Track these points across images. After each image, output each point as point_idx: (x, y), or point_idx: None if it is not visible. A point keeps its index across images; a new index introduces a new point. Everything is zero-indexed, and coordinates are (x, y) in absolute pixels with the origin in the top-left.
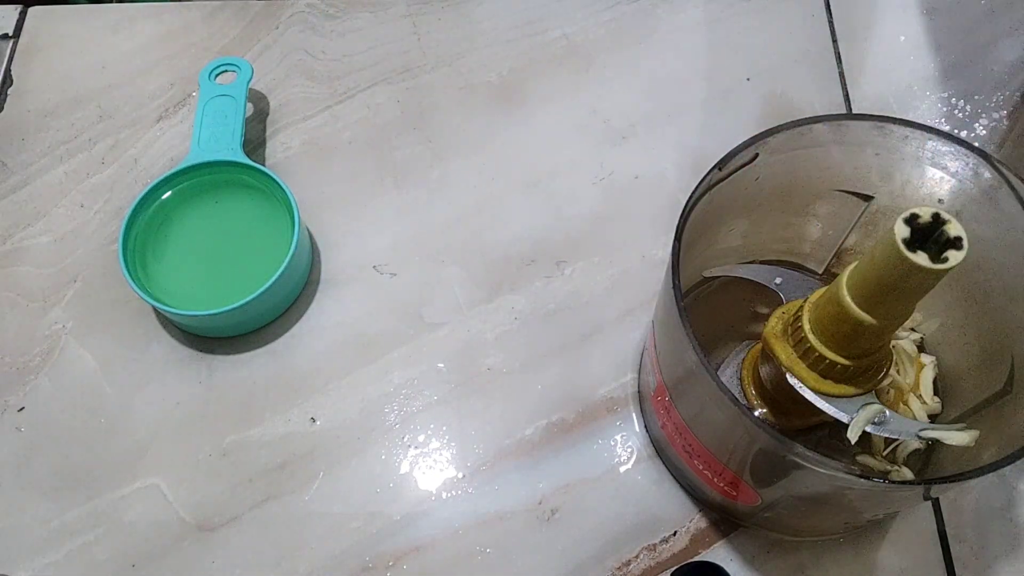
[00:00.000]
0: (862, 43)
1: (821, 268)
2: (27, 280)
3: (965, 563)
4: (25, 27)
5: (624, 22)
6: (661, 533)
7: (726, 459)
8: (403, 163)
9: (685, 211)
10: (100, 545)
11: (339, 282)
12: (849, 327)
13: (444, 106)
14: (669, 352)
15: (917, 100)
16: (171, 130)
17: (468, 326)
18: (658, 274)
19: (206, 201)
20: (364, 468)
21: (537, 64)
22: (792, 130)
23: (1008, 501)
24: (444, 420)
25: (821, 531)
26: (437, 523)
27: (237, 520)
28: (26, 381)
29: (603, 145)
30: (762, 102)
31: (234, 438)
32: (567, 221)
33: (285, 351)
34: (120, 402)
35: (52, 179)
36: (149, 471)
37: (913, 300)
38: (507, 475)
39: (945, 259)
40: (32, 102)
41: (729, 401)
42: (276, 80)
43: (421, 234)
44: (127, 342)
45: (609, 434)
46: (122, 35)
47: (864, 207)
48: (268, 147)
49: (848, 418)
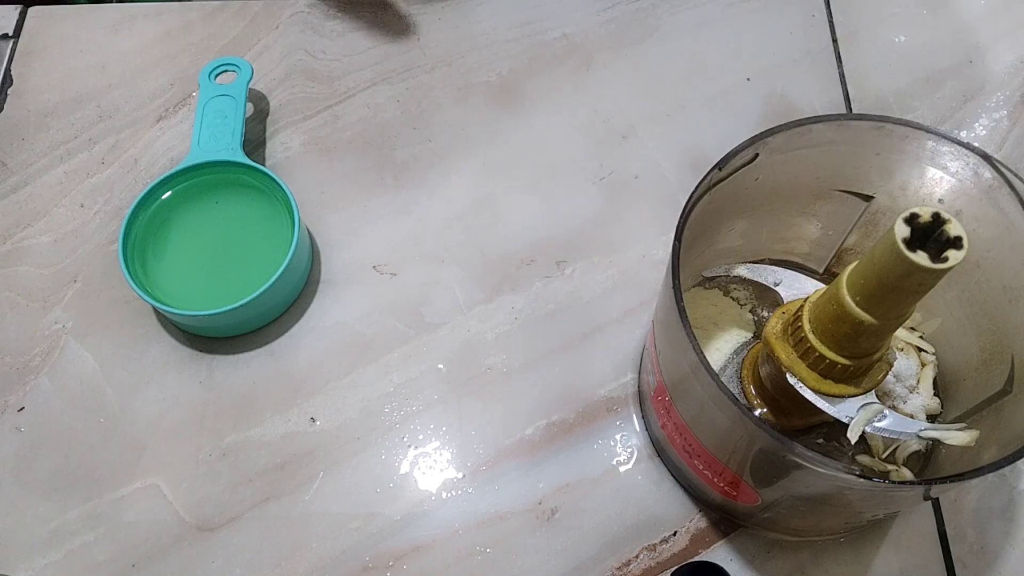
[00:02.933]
0: (862, 43)
1: (821, 268)
2: (27, 280)
3: (965, 563)
4: (25, 27)
5: (624, 22)
6: (661, 533)
7: (726, 459)
8: (403, 163)
9: (685, 211)
10: (100, 545)
11: (339, 282)
12: (849, 327)
13: (444, 106)
14: (669, 352)
15: (917, 100)
16: (171, 130)
17: (468, 326)
18: (658, 274)
19: (206, 201)
20: (364, 468)
21: (537, 64)
22: (792, 130)
23: (1008, 501)
24: (444, 420)
25: (821, 531)
26: (437, 523)
27: (237, 520)
28: (26, 381)
29: (603, 145)
30: (762, 102)
31: (234, 438)
32: (567, 221)
33: (285, 351)
34: (120, 402)
35: (52, 179)
36: (149, 471)
37: (913, 300)
38: (507, 475)
39: (945, 259)
40: (32, 102)
41: (729, 401)
42: (276, 80)
43: (421, 234)
44: (127, 342)
45: (609, 434)
46: (122, 35)
47: (864, 207)
48: (268, 147)
49: (848, 418)
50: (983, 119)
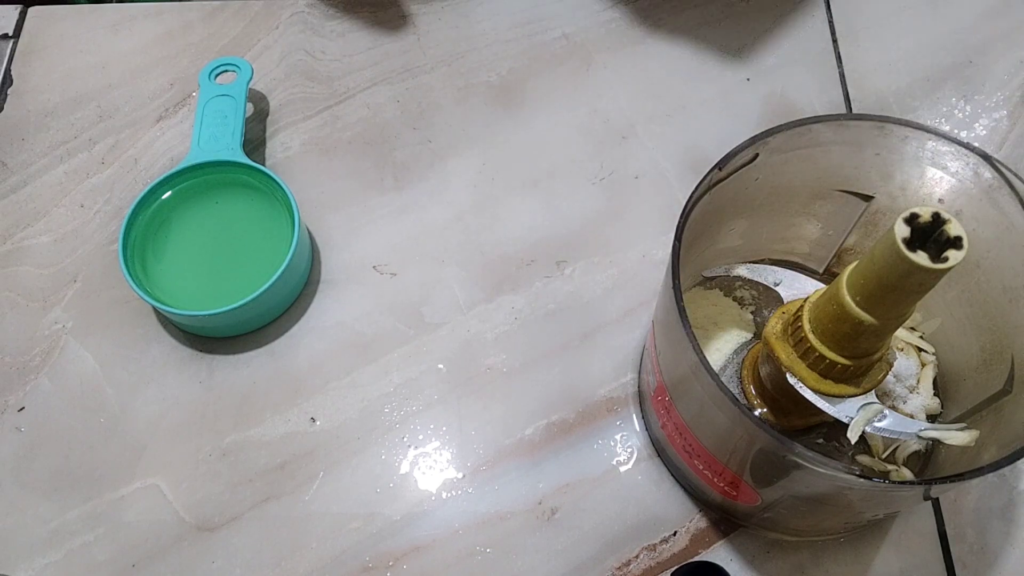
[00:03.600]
0: (862, 43)
1: (821, 268)
2: (27, 280)
3: (965, 563)
4: (25, 27)
5: (624, 22)
6: (661, 533)
7: (726, 459)
8: (403, 163)
9: (685, 211)
10: (100, 545)
11: (339, 282)
12: (849, 327)
13: (444, 106)
14: (669, 352)
15: (917, 100)
16: (171, 130)
17: (468, 326)
18: (658, 274)
19: (206, 201)
20: (364, 468)
21: (537, 64)
22: (792, 130)
23: (1008, 501)
24: (444, 420)
25: (821, 531)
26: (437, 523)
27: (237, 520)
28: (26, 381)
29: (603, 145)
30: (762, 102)
31: (234, 438)
32: (567, 221)
33: (285, 351)
34: (120, 402)
35: (52, 179)
36: (149, 471)
37: (913, 300)
38: (507, 475)
39: (945, 259)
40: (32, 102)
41: (729, 401)
42: (276, 80)
43: (421, 234)
44: (127, 342)
45: (609, 434)
46: (122, 35)
47: (864, 207)
48: (268, 147)
49: (848, 418)
50: (983, 119)
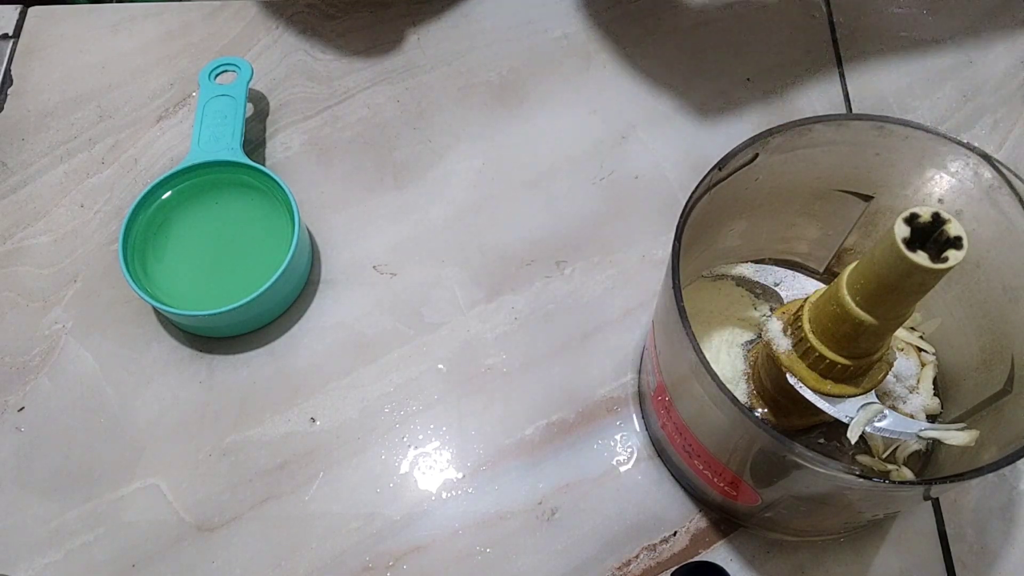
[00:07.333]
0: (862, 43)
1: (821, 268)
2: (27, 280)
3: (965, 563)
4: (25, 27)
5: (624, 22)
6: (661, 533)
7: (726, 459)
8: (403, 163)
9: (685, 211)
10: (100, 545)
11: (339, 282)
12: (849, 327)
13: (444, 106)
14: (669, 352)
15: (917, 100)
16: (171, 130)
17: (468, 326)
18: (658, 274)
19: (206, 201)
20: (364, 468)
21: (537, 64)
22: (792, 130)
23: (1008, 501)
24: (444, 420)
25: (821, 531)
26: (437, 523)
27: (237, 520)
28: (26, 381)
29: (603, 145)
30: (762, 102)
31: (234, 438)
32: (567, 221)
33: (285, 351)
34: (120, 402)
35: (52, 179)
36: (149, 471)
37: (913, 300)
38: (507, 475)
39: (945, 259)
40: (32, 102)
41: (729, 401)
42: (276, 80)
43: (421, 234)
44: (127, 342)
45: (609, 434)
46: (122, 35)
47: (864, 207)
48: (268, 147)
49: (848, 418)
50: (983, 119)
